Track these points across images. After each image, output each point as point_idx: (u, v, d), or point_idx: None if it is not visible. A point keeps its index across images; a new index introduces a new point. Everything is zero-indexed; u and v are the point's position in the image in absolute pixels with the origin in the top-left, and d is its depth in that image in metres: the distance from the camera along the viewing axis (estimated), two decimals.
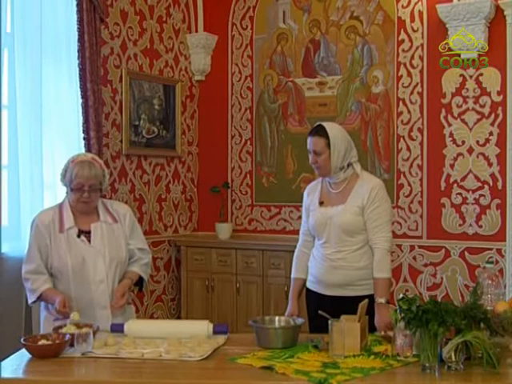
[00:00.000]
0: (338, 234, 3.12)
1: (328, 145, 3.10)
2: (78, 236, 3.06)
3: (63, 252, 3.03)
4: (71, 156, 3.17)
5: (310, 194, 3.30)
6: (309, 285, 3.28)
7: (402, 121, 5.05)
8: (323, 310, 2.79)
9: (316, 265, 3.21)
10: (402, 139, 5.05)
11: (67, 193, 3.11)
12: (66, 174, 3.06)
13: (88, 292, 3.04)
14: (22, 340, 2.55)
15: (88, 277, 3.04)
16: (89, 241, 3.07)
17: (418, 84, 4.98)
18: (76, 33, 4.51)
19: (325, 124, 3.18)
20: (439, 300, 2.39)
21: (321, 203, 3.20)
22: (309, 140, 3.17)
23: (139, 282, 3.25)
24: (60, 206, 3.14)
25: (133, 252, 3.21)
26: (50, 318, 3.06)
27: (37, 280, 3.03)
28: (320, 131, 3.14)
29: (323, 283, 3.18)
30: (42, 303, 3.13)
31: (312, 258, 3.26)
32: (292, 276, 3.34)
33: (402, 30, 5.03)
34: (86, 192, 3.02)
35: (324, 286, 3.18)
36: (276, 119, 5.57)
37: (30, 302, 3.12)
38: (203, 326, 2.76)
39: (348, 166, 3.15)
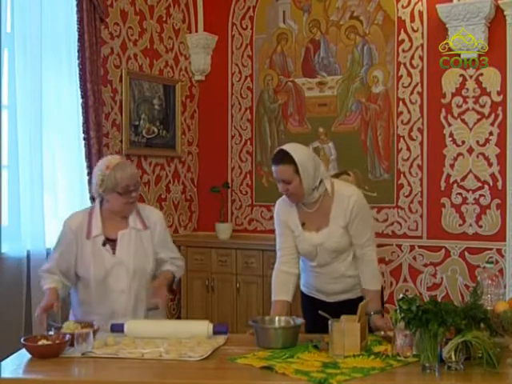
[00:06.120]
0: (330, 254, 3.08)
1: (296, 171, 2.91)
2: (104, 244, 3.01)
3: (87, 261, 3.00)
4: (98, 164, 3.05)
5: (285, 215, 3.10)
6: (306, 292, 3.26)
7: (402, 121, 5.05)
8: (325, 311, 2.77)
9: (313, 277, 3.18)
10: (402, 139, 5.05)
11: (101, 200, 3.03)
12: (105, 182, 2.95)
13: (109, 301, 3.01)
14: (22, 340, 2.55)
15: (110, 286, 3.01)
16: (114, 249, 3.02)
17: (418, 84, 4.98)
18: (76, 33, 4.51)
19: (287, 149, 2.96)
20: (439, 300, 2.40)
21: (303, 224, 3.06)
22: (274, 169, 2.97)
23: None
24: (90, 211, 3.09)
25: (163, 260, 3.16)
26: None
27: (46, 278, 3.03)
28: (285, 158, 2.93)
29: (325, 293, 3.18)
30: (72, 302, 3.15)
31: (304, 269, 3.19)
32: (273, 298, 3.05)
33: (402, 30, 5.03)
34: (133, 192, 2.98)
35: (326, 294, 3.18)
36: (276, 119, 5.57)
37: None
38: (203, 326, 2.76)
39: (320, 183, 3.00)
